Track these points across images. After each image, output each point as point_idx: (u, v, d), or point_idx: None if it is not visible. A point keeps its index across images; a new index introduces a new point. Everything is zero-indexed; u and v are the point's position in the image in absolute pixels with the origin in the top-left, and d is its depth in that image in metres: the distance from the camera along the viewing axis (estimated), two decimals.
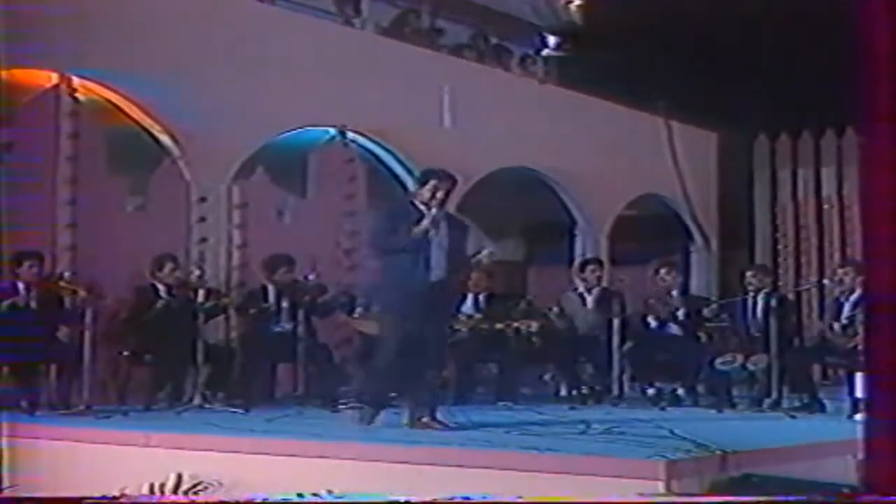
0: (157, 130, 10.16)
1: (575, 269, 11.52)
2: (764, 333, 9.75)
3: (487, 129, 12.00)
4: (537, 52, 14.02)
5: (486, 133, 11.93)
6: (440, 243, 7.60)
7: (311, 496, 6.20)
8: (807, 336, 11.67)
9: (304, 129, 11.16)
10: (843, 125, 13.88)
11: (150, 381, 9.42)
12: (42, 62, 9.36)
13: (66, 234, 9.52)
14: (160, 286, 9.54)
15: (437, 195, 7.63)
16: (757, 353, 9.71)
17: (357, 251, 11.26)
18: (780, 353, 9.55)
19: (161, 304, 9.44)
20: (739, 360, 9.77)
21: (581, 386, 10.44)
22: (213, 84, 10.20)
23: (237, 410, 8.81)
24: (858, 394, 8.30)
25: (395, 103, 11.42)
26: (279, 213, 11.20)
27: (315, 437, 7.28)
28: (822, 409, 9.33)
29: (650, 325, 10.35)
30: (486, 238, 10.96)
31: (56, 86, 9.60)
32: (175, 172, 10.32)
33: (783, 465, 6.33)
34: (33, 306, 8.92)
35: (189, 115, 10.10)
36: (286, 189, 11.31)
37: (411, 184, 11.67)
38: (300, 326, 9.65)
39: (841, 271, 9.89)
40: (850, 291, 9.52)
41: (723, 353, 9.89)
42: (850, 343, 9.18)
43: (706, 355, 9.98)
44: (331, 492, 6.26)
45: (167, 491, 6.65)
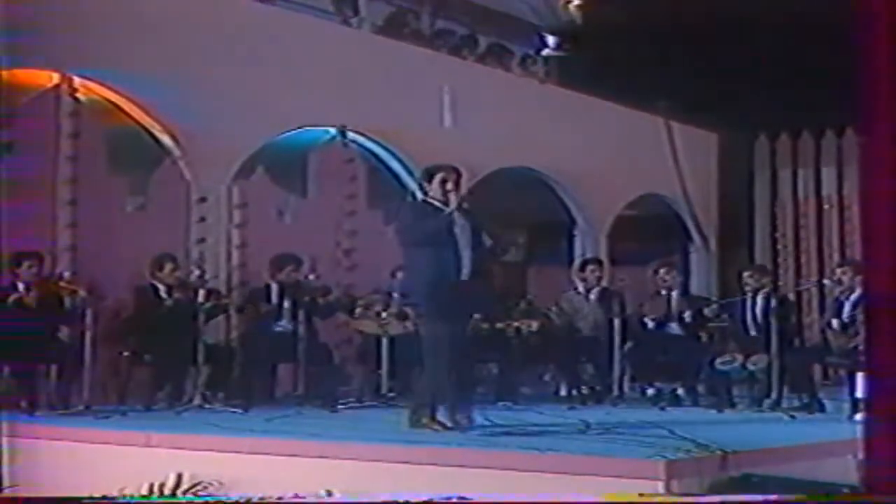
0: (157, 130, 10.16)
1: (575, 268, 11.52)
2: (764, 333, 9.74)
3: (487, 129, 11.99)
4: (537, 52, 14.03)
5: (486, 133, 11.92)
6: (465, 235, 7.49)
7: (311, 496, 6.21)
8: (807, 336, 11.68)
9: (304, 129, 11.16)
10: (843, 125, 13.89)
11: (150, 381, 9.42)
12: (42, 62, 9.36)
13: (66, 234, 9.52)
14: (160, 286, 9.54)
15: (448, 187, 7.55)
16: (757, 353, 9.71)
17: (357, 251, 11.28)
18: (779, 353, 9.54)
19: (164, 305, 9.44)
20: (739, 360, 9.77)
21: (581, 386, 10.45)
22: (213, 84, 10.19)
23: (237, 410, 8.81)
24: (858, 394, 8.30)
25: (395, 103, 11.41)
26: (279, 213, 11.20)
27: (314, 437, 7.27)
28: (821, 409, 9.33)
29: (650, 325, 10.36)
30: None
31: (56, 86, 9.60)
32: (175, 172, 10.31)
33: (783, 465, 6.33)
34: (33, 306, 8.92)
35: (189, 115, 10.10)
36: (286, 189, 11.31)
37: (411, 183, 11.72)
38: (301, 326, 9.65)
39: (840, 271, 9.89)
40: (850, 291, 9.52)
41: (723, 353, 9.89)
42: (850, 343, 9.18)
43: (706, 355, 9.98)
44: (330, 492, 6.27)
45: (167, 491, 6.66)
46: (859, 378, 7.99)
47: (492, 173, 12.16)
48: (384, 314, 9.97)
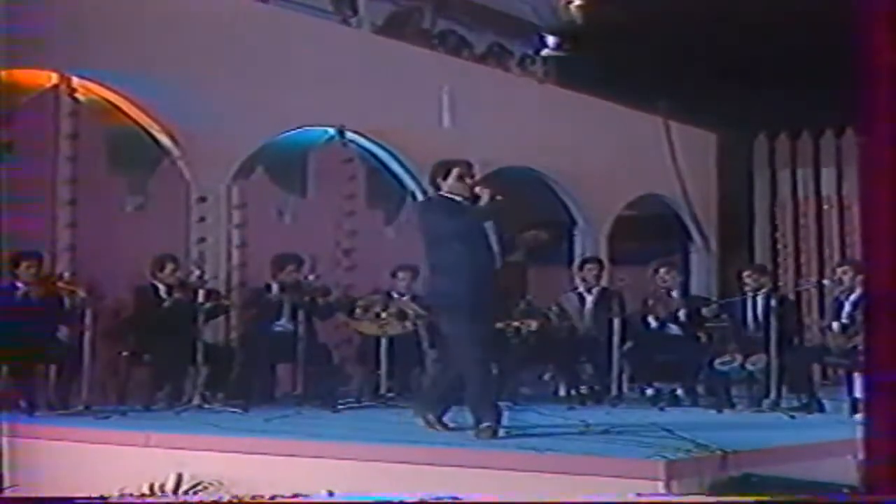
0: (156, 130, 10.15)
1: (575, 268, 11.52)
2: (763, 333, 9.74)
3: (487, 129, 11.98)
4: (537, 52, 14.02)
5: (485, 133, 11.91)
6: (493, 230, 7.32)
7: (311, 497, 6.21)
8: (806, 336, 11.67)
9: (304, 129, 11.16)
10: (842, 125, 13.89)
11: (150, 381, 9.42)
12: (42, 62, 9.36)
13: (66, 234, 9.52)
14: (160, 286, 9.55)
15: (467, 181, 7.34)
16: (756, 353, 9.70)
17: (356, 251, 11.28)
18: (779, 353, 9.53)
19: (164, 305, 9.44)
20: (739, 361, 9.77)
21: (580, 386, 10.44)
22: (213, 84, 10.19)
23: (236, 410, 8.80)
24: (858, 394, 8.30)
25: (395, 103, 11.41)
26: (279, 213, 11.20)
27: (314, 437, 7.27)
28: (821, 409, 9.33)
29: (650, 325, 10.36)
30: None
31: (56, 86, 9.59)
32: (175, 172, 10.31)
33: (783, 465, 6.33)
34: (33, 306, 8.92)
35: (189, 115, 10.10)
36: (286, 189, 11.31)
37: (411, 183, 11.73)
38: (300, 326, 9.64)
39: (840, 271, 9.90)
40: (850, 291, 9.53)
41: (722, 353, 9.88)
42: (850, 343, 9.18)
43: (706, 355, 9.97)
44: (331, 492, 6.27)
45: (167, 491, 6.66)
46: (859, 378, 7.99)
47: (491, 173, 12.13)
48: (383, 314, 9.96)
